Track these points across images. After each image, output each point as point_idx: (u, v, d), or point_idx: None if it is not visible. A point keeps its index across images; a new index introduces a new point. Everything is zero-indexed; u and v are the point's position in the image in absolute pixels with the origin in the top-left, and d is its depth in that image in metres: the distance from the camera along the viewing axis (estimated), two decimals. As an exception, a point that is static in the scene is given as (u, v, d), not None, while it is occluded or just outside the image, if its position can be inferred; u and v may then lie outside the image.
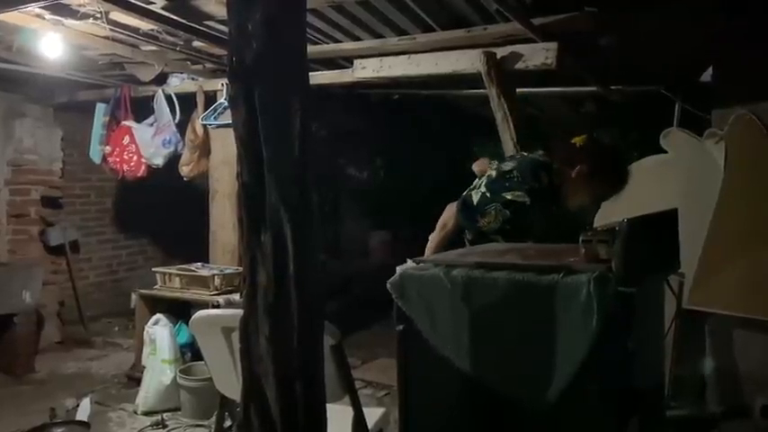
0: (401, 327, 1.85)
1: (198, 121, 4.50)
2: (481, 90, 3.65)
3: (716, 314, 3.42)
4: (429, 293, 1.80)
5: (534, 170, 2.59)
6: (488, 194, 2.58)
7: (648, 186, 3.71)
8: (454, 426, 1.85)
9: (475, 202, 2.59)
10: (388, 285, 1.86)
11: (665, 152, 3.75)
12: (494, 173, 2.62)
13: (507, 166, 2.62)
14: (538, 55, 3.26)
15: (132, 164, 4.75)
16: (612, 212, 3.59)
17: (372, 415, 2.26)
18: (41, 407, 3.46)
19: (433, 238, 2.72)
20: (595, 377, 1.61)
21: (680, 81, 4.26)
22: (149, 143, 4.66)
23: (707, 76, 3.91)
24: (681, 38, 3.43)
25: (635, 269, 1.61)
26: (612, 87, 4.38)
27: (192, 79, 4.58)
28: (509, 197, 2.54)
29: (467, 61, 3.44)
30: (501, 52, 3.34)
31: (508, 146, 3.36)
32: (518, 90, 3.58)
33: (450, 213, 2.69)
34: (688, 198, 3.45)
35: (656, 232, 1.98)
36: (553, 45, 3.21)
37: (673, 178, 3.62)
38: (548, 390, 1.63)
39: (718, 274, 3.39)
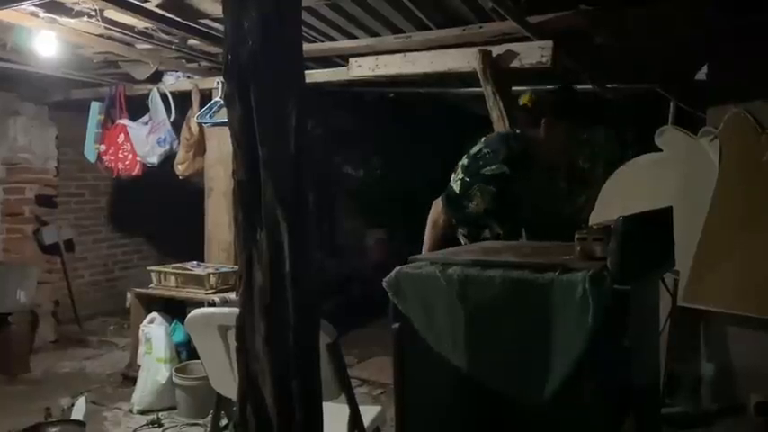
0: (397, 325, 1.85)
1: (193, 119, 4.49)
2: (477, 89, 3.65)
3: (711, 312, 3.43)
4: (425, 291, 1.81)
5: (502, 141, 2.68)
6: (468, 179, 2.62)
7: (644, 184, 3.73)
8: (450, 424, 1.86)
9: (458, 191, 2.64)
10: (384, 283, 1.85)
11: (661, 150, 3.77)
12: (466, 160, 2.68)
13: (476, 148, 2.68)
14: (533, 53, 3.27)
15: (127, 162, 4.74)
16: (608, 210, 3.61)
17: (369, 413, 2.27)
18: (36, 406, 3.45)
19: (427, 238, 2.73)
20: (591, 375, 1.61)
21: (675, 79, 4.27)
22: (144, 142, 4.65)
23: (702, 74, 3.92)
24: (676, 36, 3.43)
25: (630, 267, 1.62)
26: (608, 86, 4.39)
27: (188, 78, 4.56)
28: (488, 172, 2.58)
29: (462, 60, 3.44)
30: (496, 50, 3.34)
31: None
32: (513, 88, 3.58)
33: (437, 209, 2.72)
34: (683, 196, 3.46)
35: (652, 230, 1.98)
36: (548, 43, 3.22)
37: (668, 176, 3.64)
38: (543, 388, 1.64)
39: (714, 271, 3.40)
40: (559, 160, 3.01)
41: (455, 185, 2.66)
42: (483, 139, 2.80)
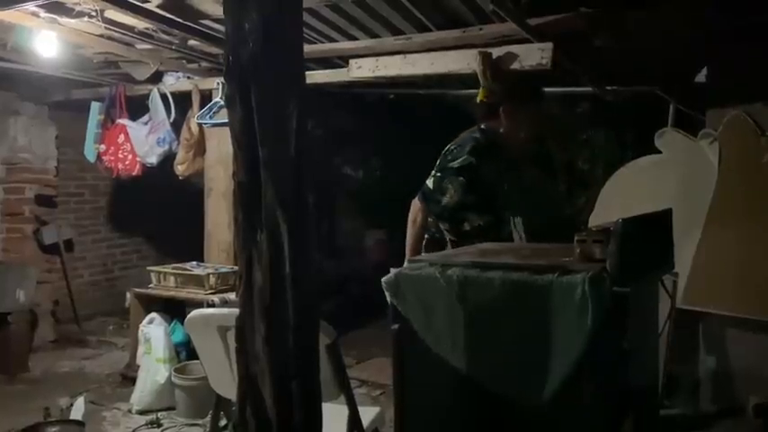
0: (396, 326, 1.85)
1: (193, 119, 4.49)
2: (477, 90, 3.65)
3: (710, 314, 3.43)
4: (424, 293, 1.81)
5: (469, 136, 2.93)
6: (439, 173, 2.87)
7: (643, 186, 3.74)
8: (449, 425, 1.86)
9: (431, 186, 2.87)
10: (384, 284, 1.86)
11: (660, 152, 3.77)
12: (439, 160, 2.91)
13: (447, 148, 2.93)
14: (533, 55, 3.27)
15: (127, 162, 4.74)
16: (608, 212, 3.61)
17: (368, 414, 2.27)
18: (35, 406, 3.44)
19: (408, 237, 2.93)
20: (590, 376, 1.61)
21: (675, 81, 4.27)
22: (144, 142, 4.65)
23: (701, 76, 3.93)
24: (675, 38, 3.44)
25: (630, 269, 1.62)
26: (608, 88, 4.39)
27: (188, 78, 4.56)
28: (456, 165, 2.82)
29: (462, 61, 3.44)
30: (496, 52, 3.34)
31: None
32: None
33: (415, 208, 2.92)
34: (683, 197, 3.47)
35: (651, 232, 1.99)
36: (548, 45, 3.22)
37: (667, 178, 3.64)
38: (542, 389, 1.64)
39: (713, 273, 3.40)
40: (527, 147, 3.27)
41: (429, 182, 2.88)
42: (455, 139, 3.02)
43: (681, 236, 2.25)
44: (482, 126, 2.98)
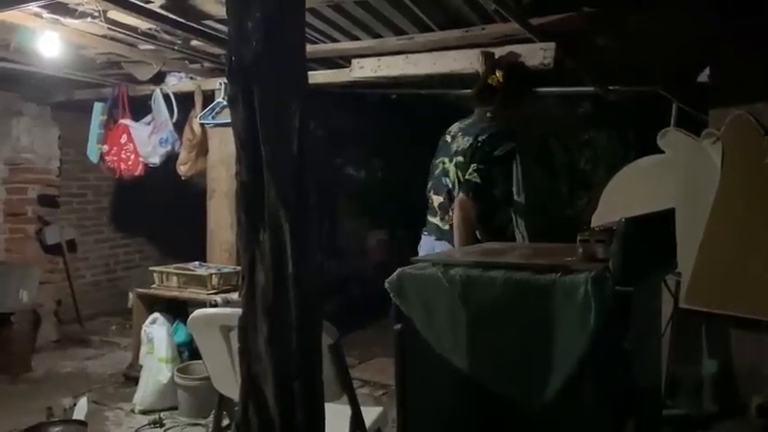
0: (399, 326, 1.85)
1: (196, 120, 4.50)
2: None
3: (713, 313, 3.43)
4: (427, 292, 1.81)
5: (488, 125, 2.76)
6: (482, 165, 2.66)
7: (646, 186, 3.73)
8: (452, 424, 1.86)
9: (479, 180, 2.65)
10: (386, 284, 1.86)
11: (663, 152, 3.77)
12: (470, 152, 2.70)
13: (477, 138, 2.72)
14: (536, 55, 3.26)
15: (130, 163, 4.74)
16: (610, 212, 3.61)
17: (370, 414, 2.27)
18: (38, 406, 3.45)
19: (462, 239, 2.65)
20: (592, 376, 1.61)
21: (677, 81, 4.27)
22: (146, 142, 4.66)
23: (704, 76, 3.92)
24: (678, 38, 3.44)
25: (632, 269, 1.62)
26: (610, 87, 4.39)
27: (191, 78, 4.57)
28: (500, 153, 2.67)
29: (465, 61, 3.44)
30: (499, 52, 3.34)
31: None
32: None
33: (466, 206, 2.65)
34: (685, 198, 3.46)
35: (654, 232, 1.99)
36: (551, 45, 3.22)
37: (670, 178, 3.63)
38: (544, 389, 1.64)
39: (715, 273, 3.40)
40: (530, 134, 3.12)
41: (472, 176, 2.66)
42: (456, 133, 2.87)
43: (683, 236, 2.25)
44: (488, 114, 2.83)
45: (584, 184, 6.05)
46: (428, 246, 2.85)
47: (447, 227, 2.78)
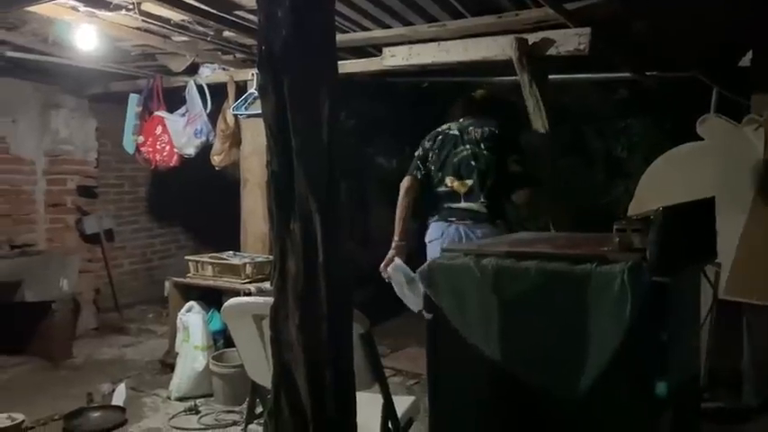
0: (430, 315, 1.85)
1: (229, 111, 4.53)
2: (512, 77, 3.60)
3: (753, 305, 3.34)
4: (458, 282, 1.80)
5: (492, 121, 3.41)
6: (516, 157, 3.33)
7: (684, 174, 3.64)
8: (484, 415, 1.85)
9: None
10: (417, 274, 1.85)
11: (702, 139, 3.67)
12: (487, 140, 3.36)
13: (484, 130, 3.39)
14: (570, 41, 3.20)
15: (165, 154, 4.81)
16: (647, 201, 3.54)
17: (402, 403, 2.26)
18: (79, 391, 3.54)
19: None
20: (628, 368, 1.58)
21: (717, 66, 4.15)
22: (181, 133, 4.71)
23: (746, 60, 3.80)
24: (718, 22, 3.33)
25: (670, 259, 1.58)
26: (647, 73, 4.28)
27: (223, 69, 4.61)
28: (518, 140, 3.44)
29: (497, 48, 3.39)
30: (532, 38, 3.28)
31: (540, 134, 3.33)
32: (549, 77, 3.52)
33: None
34: (725, 186, 3.36)
35: (693, 221, 1.94)
36: (586, 30, 3.15)
37: (709, 166, 3.54)
38: (579, 380, 1.62)
39: (756, 263, 3.31)
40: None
41: (512, 167, 3.32)
42: (466, 127, 3.56)
43: (723, 225, 2.19)
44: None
45: (620, 172, 5.94)
46: (452, 232, 3.47)
47: (485, 210, 3.29)
